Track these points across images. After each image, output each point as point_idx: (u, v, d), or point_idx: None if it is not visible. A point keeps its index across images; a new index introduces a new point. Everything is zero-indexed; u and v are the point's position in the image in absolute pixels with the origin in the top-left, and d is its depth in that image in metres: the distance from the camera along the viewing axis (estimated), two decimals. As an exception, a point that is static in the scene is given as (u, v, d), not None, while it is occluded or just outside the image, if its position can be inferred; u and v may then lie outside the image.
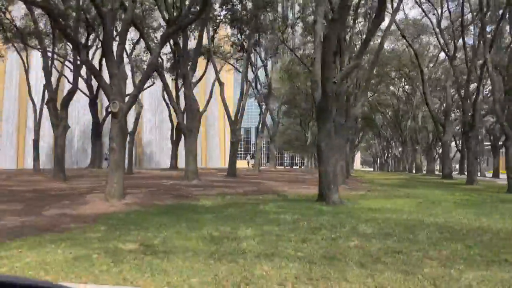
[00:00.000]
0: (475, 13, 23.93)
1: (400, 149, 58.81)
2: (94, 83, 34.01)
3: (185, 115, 18.72)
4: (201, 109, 20.13)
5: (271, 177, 25.47)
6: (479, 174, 37.97)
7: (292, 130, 68.52)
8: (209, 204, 11.48)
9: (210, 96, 23.67)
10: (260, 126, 32.44)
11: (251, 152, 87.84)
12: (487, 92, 34.04)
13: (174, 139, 32.80)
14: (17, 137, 48.15)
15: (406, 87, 45.86)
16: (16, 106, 48.53)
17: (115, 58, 11.58)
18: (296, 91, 46.22)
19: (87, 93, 31.77)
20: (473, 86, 26.59)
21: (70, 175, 20.49)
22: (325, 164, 10.41)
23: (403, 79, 43.38)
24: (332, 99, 10.30)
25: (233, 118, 24.20)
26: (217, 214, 9.36)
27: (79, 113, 48.84)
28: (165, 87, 19.43)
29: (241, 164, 38.36)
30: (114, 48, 12.07)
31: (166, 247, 5.72)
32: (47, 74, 19.74)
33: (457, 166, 51.80)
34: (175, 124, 32.84)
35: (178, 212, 9.83)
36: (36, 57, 33.00)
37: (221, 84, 23.99)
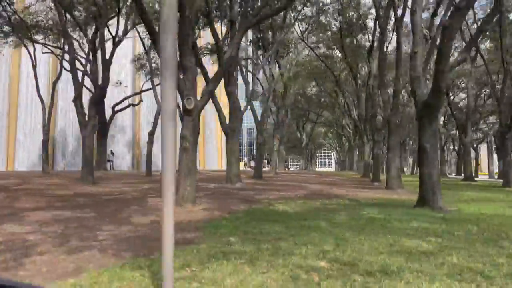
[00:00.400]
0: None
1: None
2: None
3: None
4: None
5: (296, 179, 24.69)
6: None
7: (286, 131, 68.00)
8: (289, 210, 10.59)
9: (252, 96, 22.67)
10: (278, 127, 31.45)
11: (253, 154, 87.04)
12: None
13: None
14: (6, 138, 46.01)
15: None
16: (6, 106, 46.41)
17: (189, 50, 10.61)
18: (299, 91, 45.68)
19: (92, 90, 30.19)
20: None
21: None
22: (430, 166, 9.67)
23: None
24: (443, 95, 9.61)
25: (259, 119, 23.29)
26: (327, 221, 8.47)
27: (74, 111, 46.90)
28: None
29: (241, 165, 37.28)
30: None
31: (370, 265, 4.85)
32: (74, 69, 18.47)
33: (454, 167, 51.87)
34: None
35: (275, 218, 8.86)
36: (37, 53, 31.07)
37: (247, 84, 23.11)
